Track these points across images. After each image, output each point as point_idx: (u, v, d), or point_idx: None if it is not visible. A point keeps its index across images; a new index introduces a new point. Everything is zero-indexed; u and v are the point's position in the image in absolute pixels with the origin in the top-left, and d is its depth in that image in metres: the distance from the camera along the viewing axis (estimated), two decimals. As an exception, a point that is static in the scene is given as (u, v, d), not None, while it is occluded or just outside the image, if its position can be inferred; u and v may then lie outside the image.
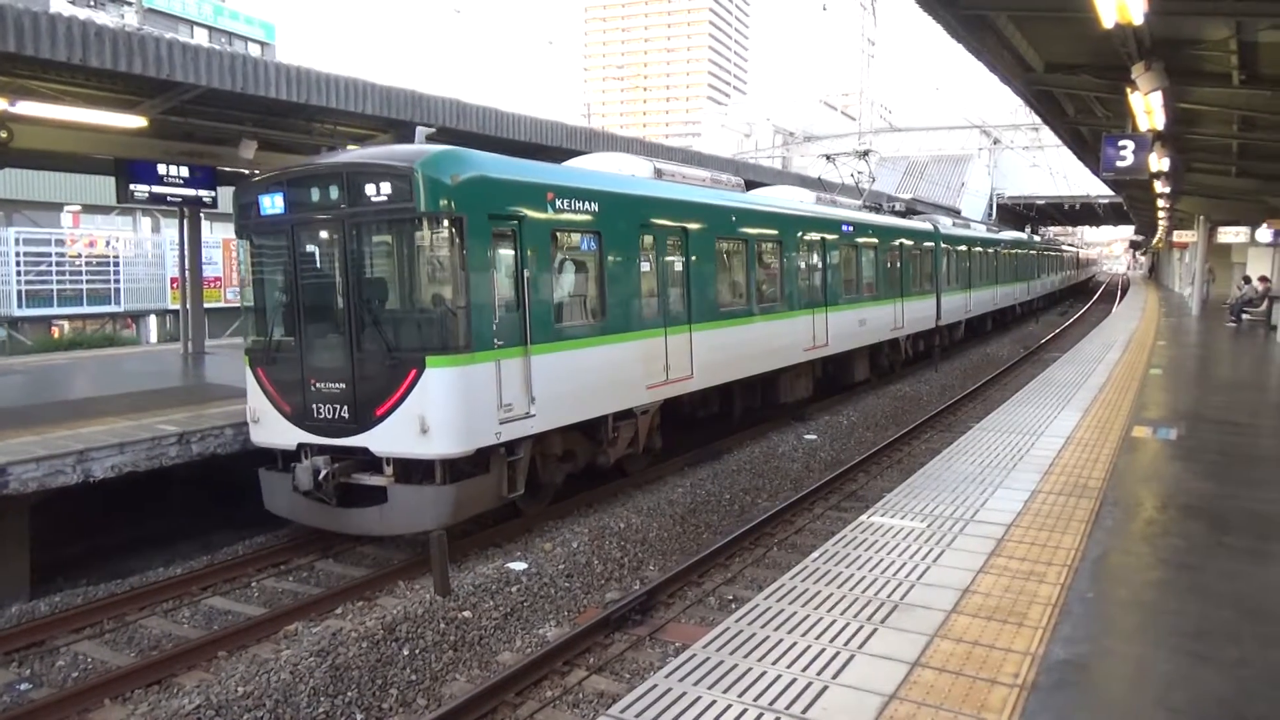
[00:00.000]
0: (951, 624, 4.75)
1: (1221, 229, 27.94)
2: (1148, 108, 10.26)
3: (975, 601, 5.05)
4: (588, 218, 9.65)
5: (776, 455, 12.69)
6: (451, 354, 8.03)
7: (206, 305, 18.79)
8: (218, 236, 26.83)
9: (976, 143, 58.62)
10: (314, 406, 8.57)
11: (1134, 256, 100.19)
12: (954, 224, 26.47)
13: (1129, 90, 9.96)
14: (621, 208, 10.25)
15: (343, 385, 8.44)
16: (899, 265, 19.55)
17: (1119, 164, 11.50)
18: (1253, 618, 4.84)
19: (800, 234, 14.75)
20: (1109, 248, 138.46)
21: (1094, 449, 8.82)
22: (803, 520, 10.14)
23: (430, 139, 9.32)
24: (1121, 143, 11.45)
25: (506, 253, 8.62)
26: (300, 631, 7.37)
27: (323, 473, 8.39)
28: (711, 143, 58.76)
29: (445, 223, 8.03)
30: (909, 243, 20.32)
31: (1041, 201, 59.41)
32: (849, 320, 16.54)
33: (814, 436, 13.88)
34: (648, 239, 10.70)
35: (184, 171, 13.87)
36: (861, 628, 4.73)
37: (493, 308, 8.34)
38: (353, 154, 9.03)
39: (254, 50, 47.46)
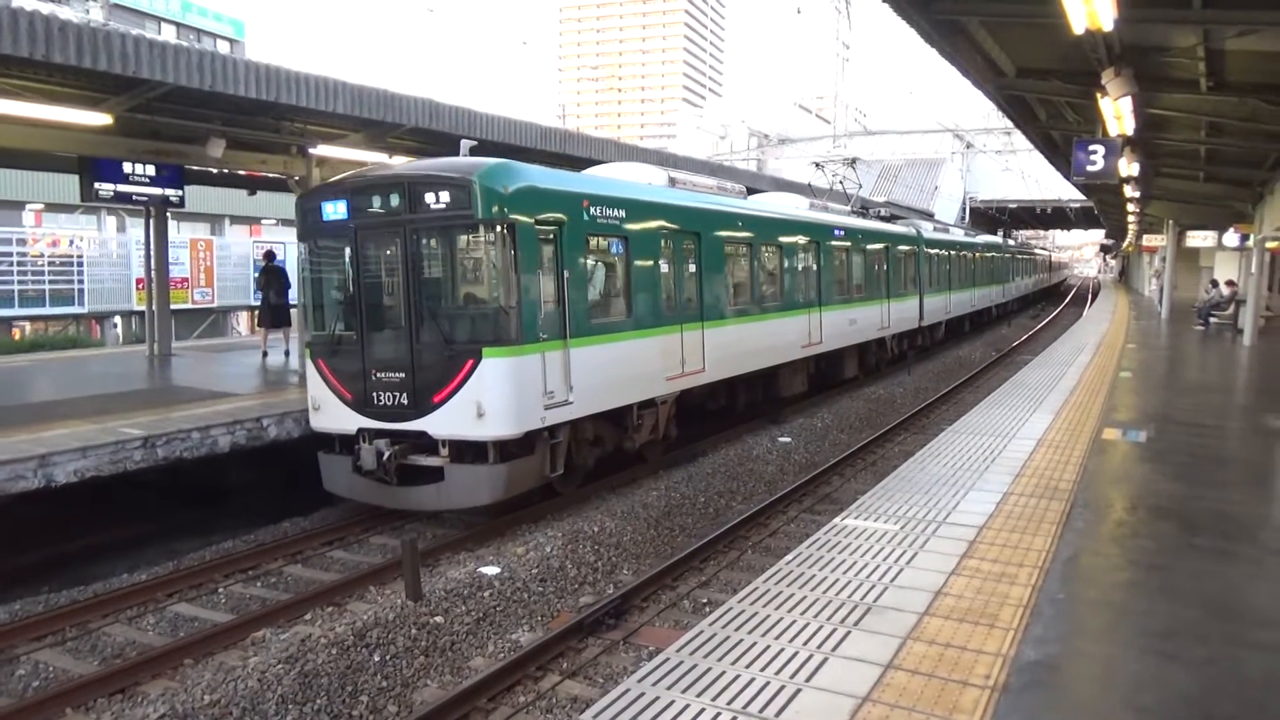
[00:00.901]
0: (924, 626, 4.78)
1: (1190, 233, 28.39)
2: (1117, 113, 10.41)
3: (947, 603, 5.09)
4: (616, 223, 10.72)
5: (751, 458, 12.73)
6: (505, 346, 9.00)
7: (173, 306, 18.57)
8: (185, 236, 26.54)
9: (950, 146, 59.17)
10: (375, 394, 9.53)
11: (1104, 260, 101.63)
12: (934, 228, 27.60)
13: (1099, 95, 10.11)
14: (645, 213, 11.35)
15: (402, 374, 9.38)
16: (885, 268, 20.72)
17: (1089, 168, 11.68)
18: (1220, 617, 4.92)
19: (798, 238, 15.90)
20: (1080, 251, 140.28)
21: (1065, 451, 8.92)
22: (777, 523, 10.18)
23: (473, 151, 10.25)
24: (1092, 147, 11.63)
25: (549, 254, 9.60)
26: (268, 638, 7.29)
27: (385, 454, 9.31)
28: (686, 144, 58.89)
29: (499, 228, 9.03)
30: (894, 246, 21.50)
31: (1014, 205, 60.14)
32: (841, 320, 17.65)
33: (788, 439, 13.95)
34: (667, 242, 11.76)
35: (150, 170, 13.69)
36: (835, 630, 4.76)
37: (539, 304, 9.32)
38: (411, 166, 10.11)
39: (223, 47, 46.99)
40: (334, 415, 9.82)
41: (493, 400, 8.96)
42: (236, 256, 27.19)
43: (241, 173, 16.10)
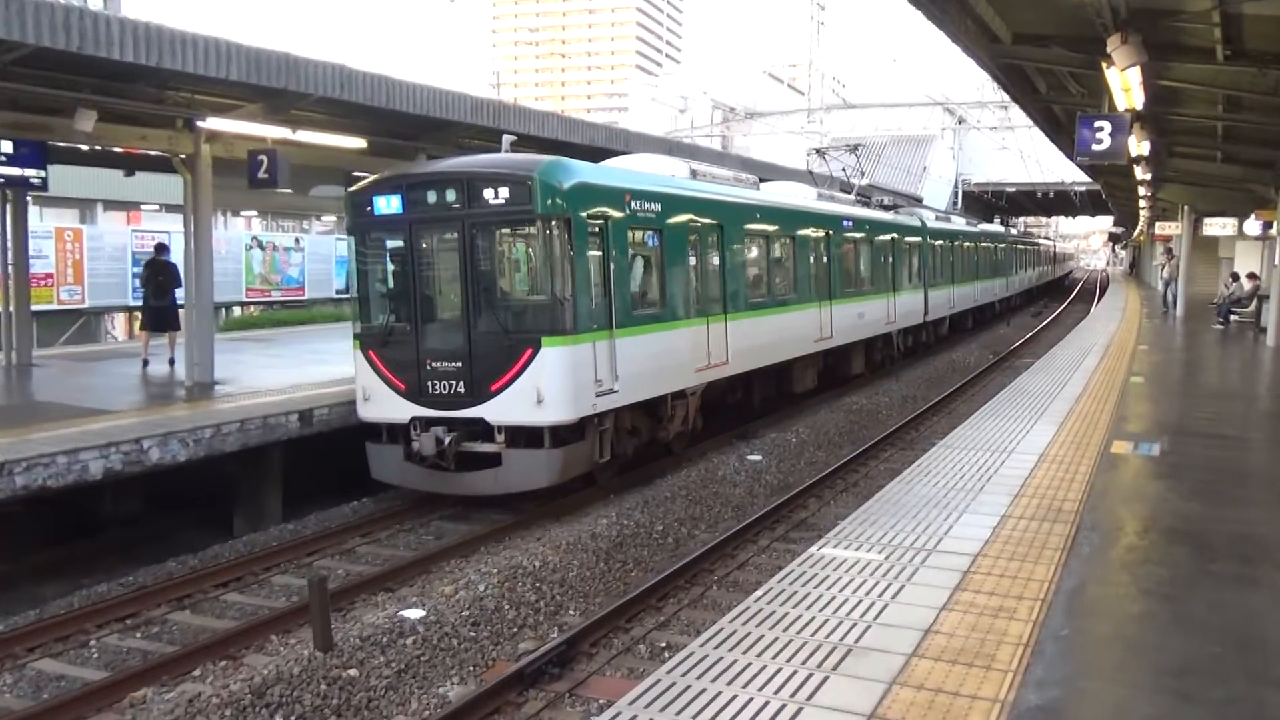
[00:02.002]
0: (912, 669, 4.84)
1: (1207, 220, 29.12)
2: (1125, 85, 10.66)
3: (938, 643, 5.15)
4: (652, 216, 12.40)
5: (716, 479, 12.79)
6: (563, 335, 10.59)
7: (35, 307, 18.15)
8: (49, 225, 25.89)
9: (939, 122, 60.13)
10: (430, 383, 10.97)
11: (1114, 251, 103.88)
12: (936, 217, 29.94)
13: (1105, 65, 10.33)
14: (677, 207, 13.04)
15: (459, 364, 10.85)
16: (891, 260, 22.69)
17: (1095, 147, 11.91)
18: (1241, 651, 5.04)
19: (811, 230, 17.90)
20: (1086, 241, 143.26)
21: (1069, 467, 9.07)
22: (746, 554, 10.21)
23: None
24: (1098, 124, 11.86)
25: (597, 248, 11.21)
26: (150, 699, 7.14)
27: (445, 441, 10.67)
28: (640, 118, 59.19)
29: (557, 223, 10.66)
30: (900, 238, 23.52)
31: (1012, 189, 61.17)
32: (850, 314, 19.55)
33: (759, 457, 14.04)
34: (695, 235, 13.49)
35: (6, 147, 13.38)
36: (811, 676, 4.78)
37: (590, 295, 10.98)
38: (466, 161, 11.90)
39: (95, 4, 46.06)
40: (385, 405, 11.27)
41: (551, 387, 10.54)
42: (112, 248, 26.59)
43: (117, 150, 15.77)
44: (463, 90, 14.52)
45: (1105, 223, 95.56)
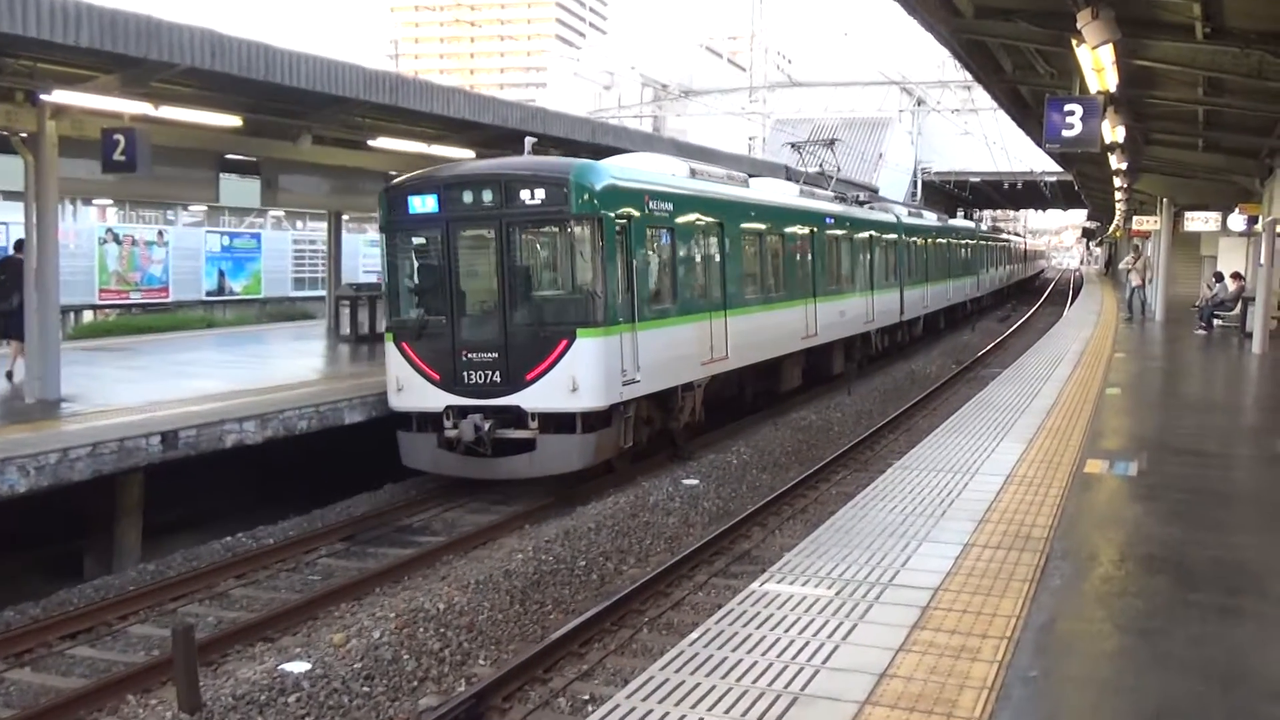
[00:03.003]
0: (866, 718, 4.89)
1: (1189, 215, 29.94)
2: (1097, 64, 10.93)
3: (894, 688, 5.21)
4: (666, 215, 14.78)
5: (647, 507, 12.83)
6: (595, 327, 12.84)
7: None
8: None
9: (896, 103, 60.98)
10: (465, 373, 13.05)
11: (1088, 248, 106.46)
12: (909, 213, 33.07)
13: (1074, 43, 10.58)
14: (685, 206, 15.47)
15: (495, 354, 12.97)
16: (870, 258, 25.59)
17: (1065, 133, 12.19)
18: (1225, 688, 5.19)
19: (798, 227, 20.59)
20: (1058, 237, 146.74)
21: (1039, 489, 9.24)
22: (681, 591, 10.24)
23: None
24: (1068, 107, 12.15)
25: (623, 245, 13.42)
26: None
27: (484, 428, 12.67)
28: (561, 96, 59.15)
29: (590, 222, 12.96)
30: (876, 234, 26.44)
31: (976, 179, 62.23)
32: (833, 312, 22.17)
33: (696, 481, 14.12)
34: (701, 233, 16.07)
35: None
36: (752, 729, 4.81)
37: (618, 290, 13.21)
38: (499, 164, 14.29)
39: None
40: (419, 394, 13.31)
41: (586, 375, 12.70)
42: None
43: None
44: (356, 62, 14.37)
45: (1079, 217, 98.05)
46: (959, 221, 46.09)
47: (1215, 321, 25.67)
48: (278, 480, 13.26)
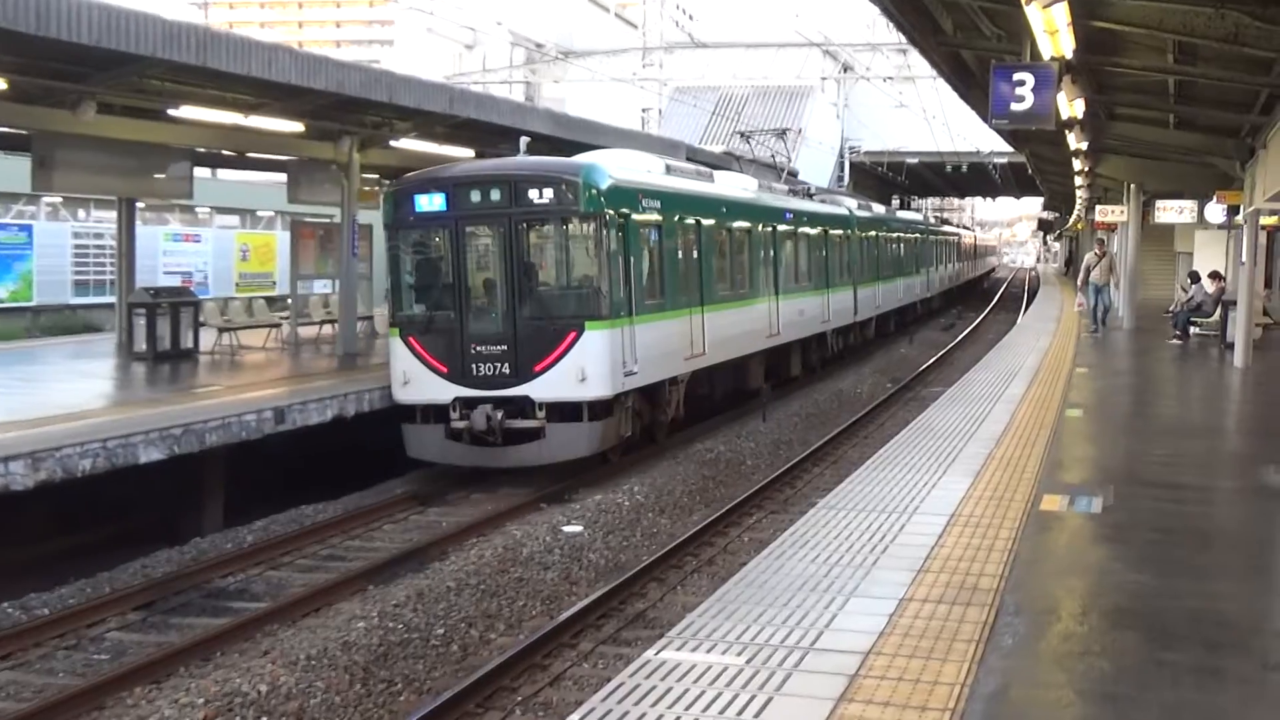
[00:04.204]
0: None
1: (1160, 203, 30.46)
2: (1049, 26, 10.94)
3: (811, 780, 5.07)
4: (654, 213, 18.02)
5: (520, 560, 12.82)
6: (601, 319, 15.85)
7: None
8: None
9: (819, 69, 61.09)
10: (474, 366, 15.97)
11: (1045, 243, 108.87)
12: (859, 206, 36.14)
13: (1024, 0, 10.53)
14: (670, 204, 18.82)
15: (504, 347, 15.94)
16: (825, 254, 29.04)
17: (1015, 106, 12.23)
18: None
19: (762, 223, 24.05)
20: (1011, 230, 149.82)
21: (988, 531, 9.25)
22: (561, 663, 10.26)
23: (530, 149, 18.14)
24: (1017, 76, 12.18)
25: (622, 242, 16.56)
26: None
27: (495, 418, 15.49)
28: (413, 57, 58.54)
29: (596, 219, 16.07)
30: (831, 230, 29.99)
31: (914, 160, 62.60)
32: (793, 310, 25.35)
33: (579, 528, 14.11)
34: (682, 230, 19.48)
35: None
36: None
37: (620, 285, 16.29)
38: (506, 164, 17.60)
39: None
40: (426, 387, 16.22)
41: (593, 366, 15.70)
42: None
43: None
44: (153, 13, 13.87)
45: (1034, 206, 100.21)
46: (907, 214, 49.21)
47: (1191, 329, 26.12)
48: (56, 535, 12.84)
